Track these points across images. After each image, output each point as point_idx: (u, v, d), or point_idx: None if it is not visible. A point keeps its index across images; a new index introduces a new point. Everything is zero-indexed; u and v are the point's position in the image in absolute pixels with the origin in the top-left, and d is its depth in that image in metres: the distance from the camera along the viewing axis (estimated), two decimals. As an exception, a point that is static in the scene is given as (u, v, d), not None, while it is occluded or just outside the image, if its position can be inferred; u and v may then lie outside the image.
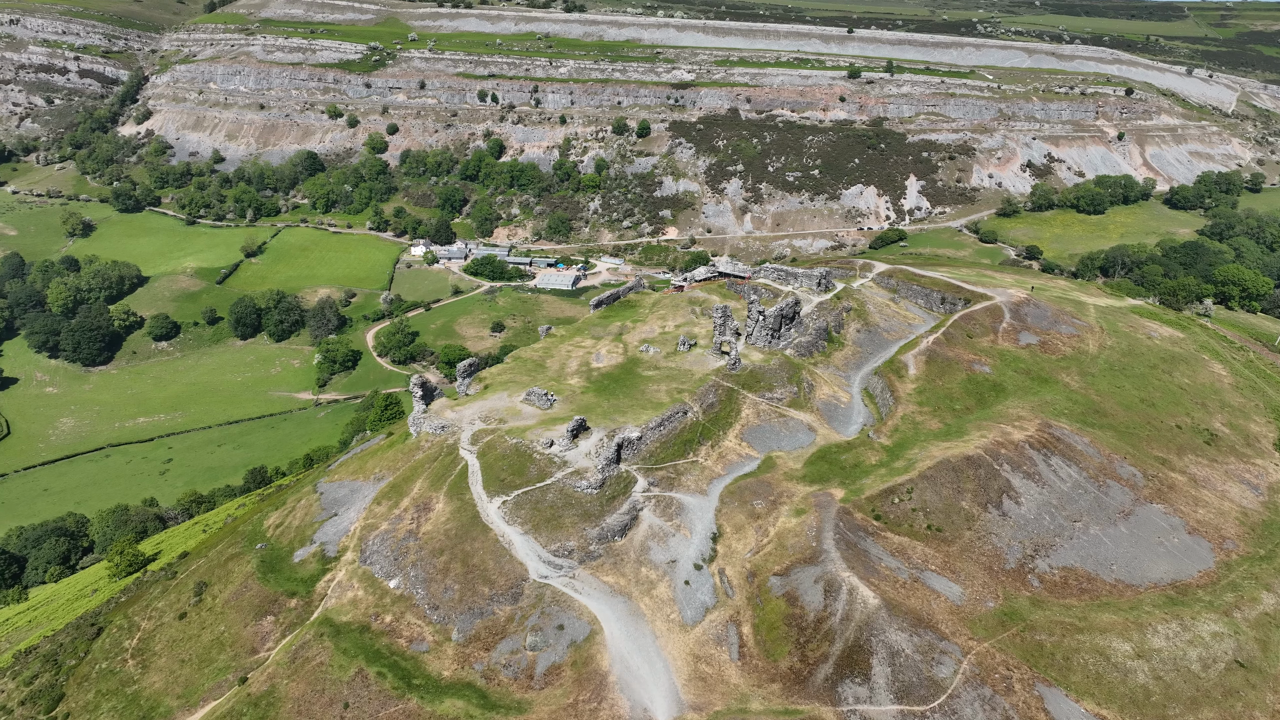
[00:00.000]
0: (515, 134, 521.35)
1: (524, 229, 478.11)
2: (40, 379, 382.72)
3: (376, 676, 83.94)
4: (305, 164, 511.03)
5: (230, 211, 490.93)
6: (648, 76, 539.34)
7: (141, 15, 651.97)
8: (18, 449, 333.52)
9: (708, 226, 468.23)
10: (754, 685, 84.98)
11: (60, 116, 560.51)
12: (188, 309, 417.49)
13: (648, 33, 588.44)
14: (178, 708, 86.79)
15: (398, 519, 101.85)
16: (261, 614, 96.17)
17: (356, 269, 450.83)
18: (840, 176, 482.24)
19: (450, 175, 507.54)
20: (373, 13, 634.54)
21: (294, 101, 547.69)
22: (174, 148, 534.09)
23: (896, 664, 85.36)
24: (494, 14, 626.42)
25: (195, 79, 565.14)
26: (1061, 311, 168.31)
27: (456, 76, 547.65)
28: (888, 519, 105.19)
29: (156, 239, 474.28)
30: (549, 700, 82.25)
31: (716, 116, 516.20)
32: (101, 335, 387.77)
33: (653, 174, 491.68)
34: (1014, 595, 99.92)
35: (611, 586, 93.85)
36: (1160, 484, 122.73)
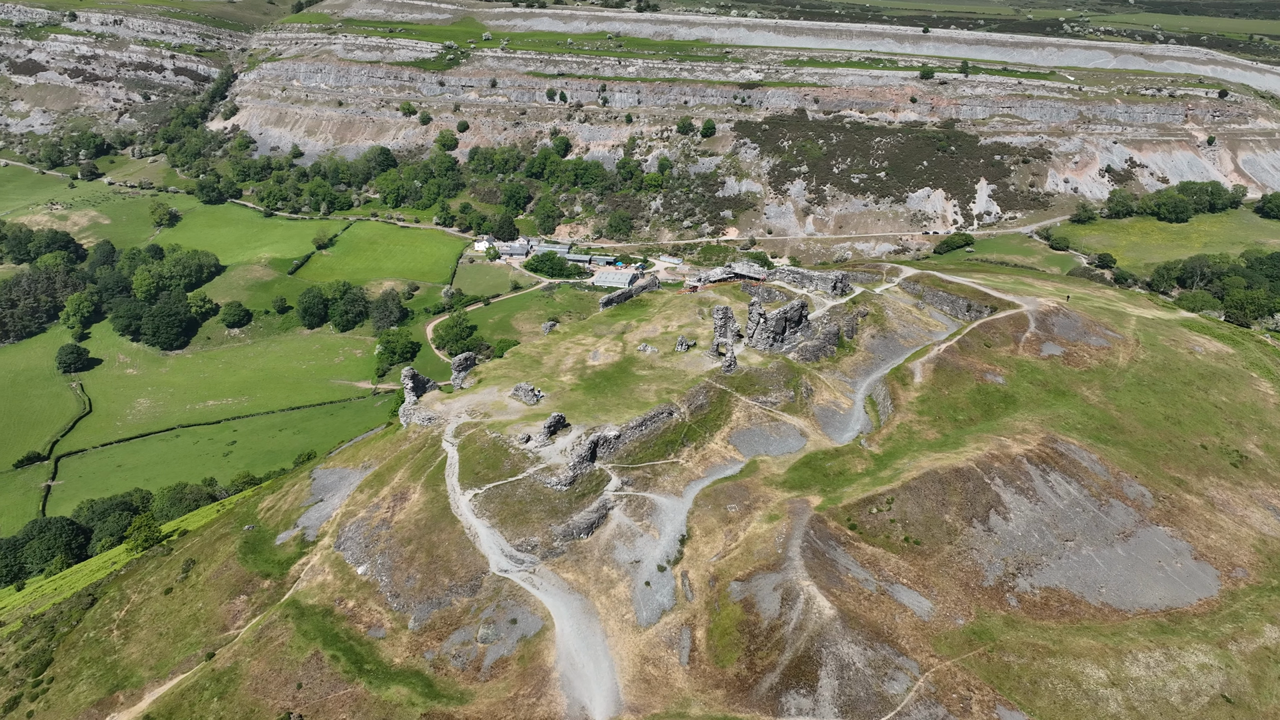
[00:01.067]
0: (581, 132, 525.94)
1: (585, 227, 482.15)
2: (122, 360, 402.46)
3: (330, 659, 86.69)
4: (378, 159, 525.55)
5: (306, 205, 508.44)
6: (715, 76, 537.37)
7: (234, 15, 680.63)
8: (97, 426, 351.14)
9: (769, 228, 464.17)
10: (698, 690, 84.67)
11: (155, 112, 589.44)
12: (260, 298, 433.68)
13: (718, 32, 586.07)
14: (148, 679, 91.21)
15: (375, 507, 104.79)
16: (236, 593, 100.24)
17: (421, 263, 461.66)
18: (907, 179, 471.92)
19: (516, 172, 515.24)
20: (450, 12, 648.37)
21: (370, 99, 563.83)
22: (257, 142, 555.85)
23: (845, 677, 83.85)
24: (567, 13, 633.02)
25: (280, 76, 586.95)
26: (1095, 323, 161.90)
27: (527, 75, 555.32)
28: (863, 529, 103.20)
29: (236, 230, 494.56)
30: (491, 693, 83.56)
31: (783, 116, 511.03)
32: (179, 321, 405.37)
33: (716, 174, 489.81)
34: (988, 614, 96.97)
35: (570, 584, 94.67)
36: (1171, 505, 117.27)
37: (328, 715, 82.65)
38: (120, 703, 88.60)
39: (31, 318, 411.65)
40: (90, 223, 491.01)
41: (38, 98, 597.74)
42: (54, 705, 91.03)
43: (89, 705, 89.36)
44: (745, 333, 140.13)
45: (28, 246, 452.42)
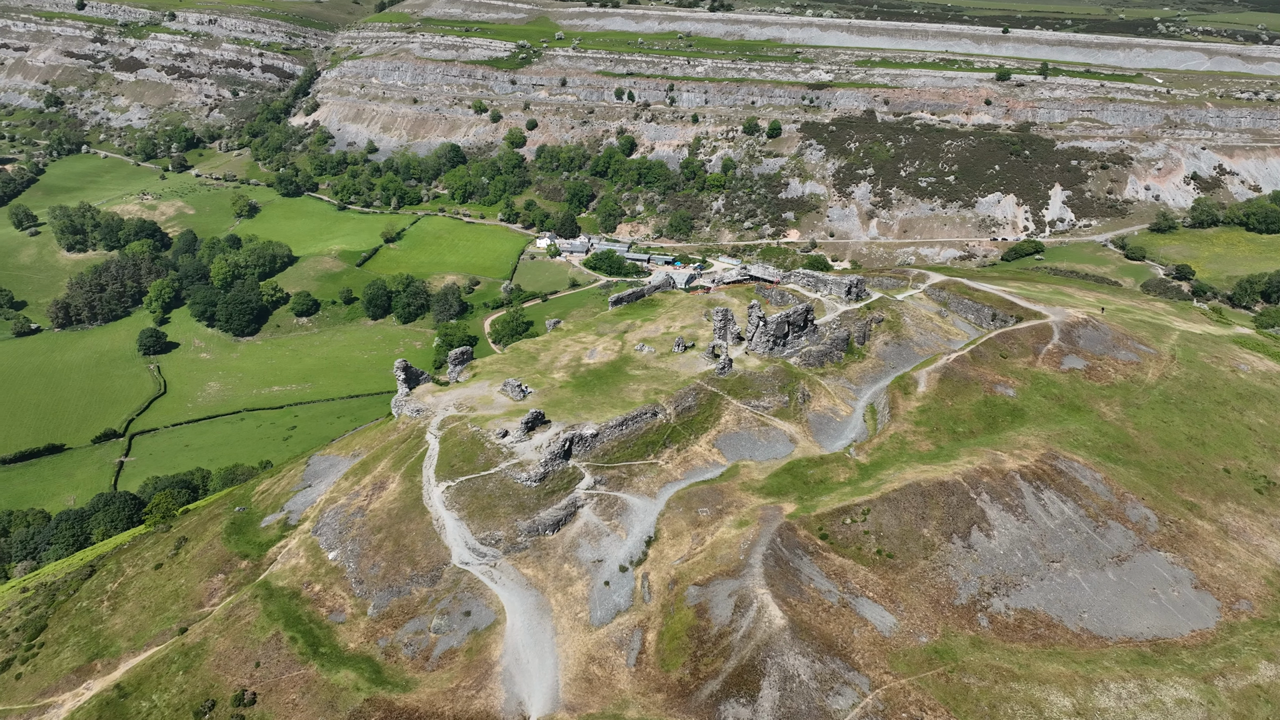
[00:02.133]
0: (647, 132, 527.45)
1: (646, 226, 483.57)
2: (197, 345, 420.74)
3: (289, 641, 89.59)
4: (448, 156, 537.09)
5: (377, 199, 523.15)
6: (784, 76, 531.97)
7: (320, 15, 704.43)
8: (170, 407, 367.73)
9: (831, 230, 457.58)
10: (639, 693, 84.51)
11: (242, 107, 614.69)
12: (328, 288, 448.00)
13: (790, 32, 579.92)
14: (125, 649, 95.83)
15: (355, 494, 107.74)
16: (215, 572, 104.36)
17: (483, 258, 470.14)
18: (977, 183, 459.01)
19: (581, 171, 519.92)
20: (525, 12, 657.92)
21: (444, 96, 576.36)
22: (334, 138, 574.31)
23: (788, 689, 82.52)
24: (639, 13, 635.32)
25: (359, 74, 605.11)
26: (1127, 336, 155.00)
27: (596, 75, 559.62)
28: (834, 539, 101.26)
29: (310, 222, 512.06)
30: (434, 682, 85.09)
31: (851, 118, 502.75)
32: (251, 308, 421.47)
33: (779, 175, 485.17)
34: (954, 633, 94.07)
35: (529, 579, 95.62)
36: (1177, 530, 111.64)
37: (280, 694, 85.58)
38: (97, 670, 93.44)
39: (118, 302, 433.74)
40: (177, 213, 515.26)
41: (137, 93, 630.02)
42: (40, 669, 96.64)
43: (69, 671, 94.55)
44: (746, 335, 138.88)
45: (118, 234, 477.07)
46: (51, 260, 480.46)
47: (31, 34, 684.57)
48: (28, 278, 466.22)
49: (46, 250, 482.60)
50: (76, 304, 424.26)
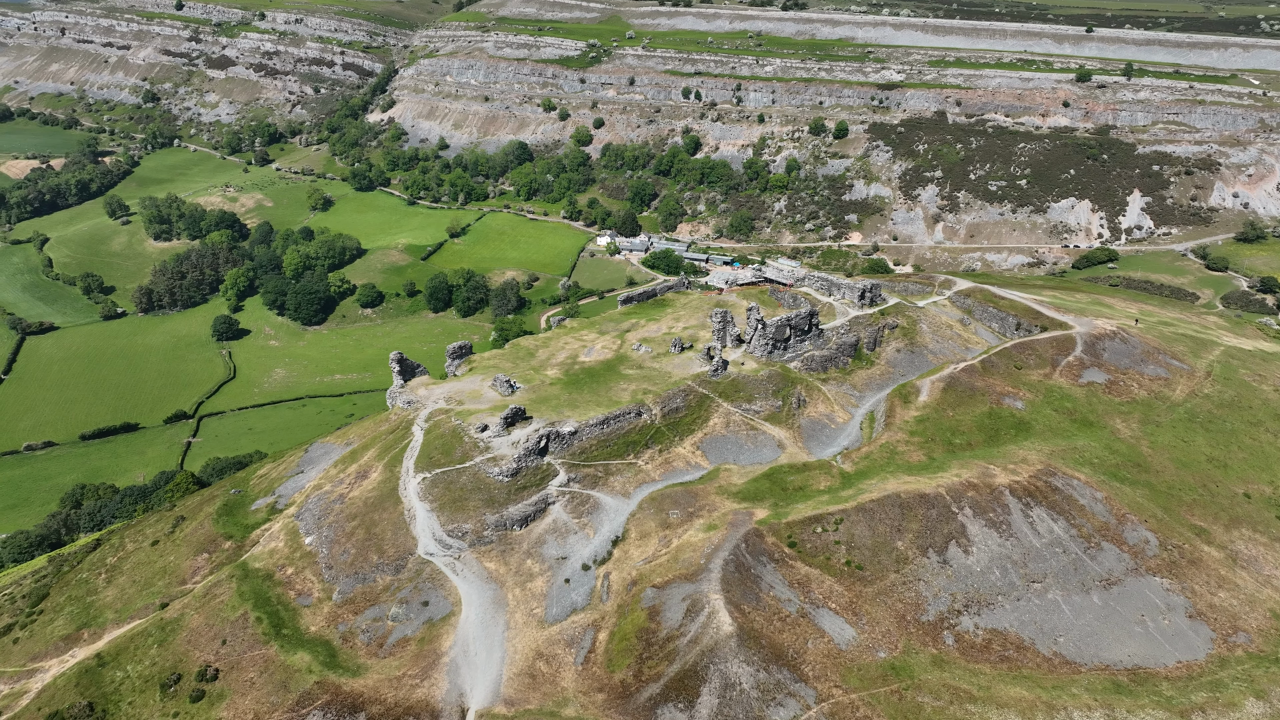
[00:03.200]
0: (713, 131, 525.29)
1: (706, 226, 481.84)
2: (267, 333, 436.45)
3: (255, 621, 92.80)
4: (516, 153, 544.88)
5: (445, 194, 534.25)
6: (854, 76, 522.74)
7: (400, 14, 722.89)
8: (238, 391, 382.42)
9: (894, 234, 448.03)
10: (580, 692, 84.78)
11: (323, 104, 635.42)
12: (393, 281, 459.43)
13: (862, 31, 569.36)
14: (111, 621, 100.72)
15: (339, 482, 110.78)
16: (201, 551, 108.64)
17: (543, 254, 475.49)
18: (1050, 188, 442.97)
19: (645, 170, 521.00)
20: (598, 11, 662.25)
21: (515, 95, 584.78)
22: (408, 134, 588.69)
23: (727, 697, 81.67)
24: (710, 12, 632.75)
25: (434, 72, 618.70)
26: (1159, 350, 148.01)
27: (664, 74, 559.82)
28: (803, 548, 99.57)
29: (380, 216, 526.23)
30: (383, 669, 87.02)
31: (921, 119, 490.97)
32: (319, 298, 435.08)
33: (844, 176, 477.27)
34: (916, 650, 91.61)
35: (490, 573, 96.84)
36: (1180, 556, 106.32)
37: (240, 672, 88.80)
38: (84, 639, 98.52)
39: (197, 289, 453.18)
40: (256, 205, 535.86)
41: (226, 90, 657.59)
42: (35, 635, 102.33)
43: (58, 639, 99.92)
44: (745, 338, 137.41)
45: (200, 225, 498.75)
46: (140, 248, 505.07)
47: (134, 33, 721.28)
48: (118, 264, 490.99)
49: (135, 238, 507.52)
50: (159, 290, 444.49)
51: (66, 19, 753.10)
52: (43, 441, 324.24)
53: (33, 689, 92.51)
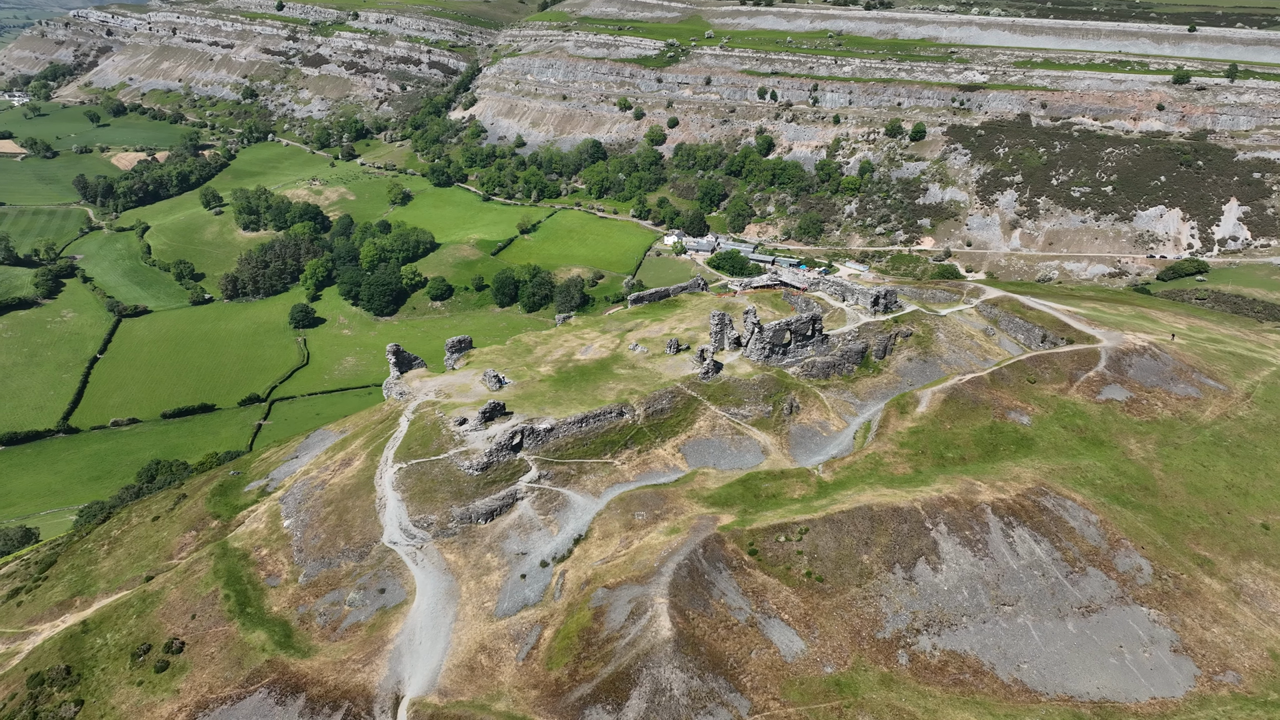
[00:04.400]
0: (787, 132, 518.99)
1: (775, 227, 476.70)
2: (341, 322, 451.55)
3: (223, 598, 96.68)
4: (589, 152, 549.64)
5: (519, 191, 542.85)
6: (935, 77, 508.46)
7: (487, 14, 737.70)
8: (310, 377, 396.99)
9: (968, 240, 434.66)
10: (515, 687, 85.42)
11: (408, 101, 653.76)
12: (463, 275, 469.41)
13: (946, 31, 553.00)
14: (101, 590, 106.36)
15: (325, 468, 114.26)
16: (190, 528, 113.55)
17: (610, 252, 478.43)
18: (1138, 195, 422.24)
19: (716, 170, 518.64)
20: (679, 10, 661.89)
21: (592, 94, 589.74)
22: (487, 132, 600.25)
23: (656, 702, 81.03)
24: (791, 11, 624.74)
25: (516, 71, 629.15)
26: (1193, 369, 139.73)
27: (741, 74, 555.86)
28: (764, 556, 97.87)
29: (455, 211, 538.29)
30: (331, 652, 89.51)
31: (1002, 122, 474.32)
32: (391, 290, 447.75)
33: (919, 180, 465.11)
34: (866, 667, 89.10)
35: (449, 565, 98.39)
36: (1175, 586, 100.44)
37: (203, 646, 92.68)
38: (75, 606, 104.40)
39: (278, 278, 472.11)
40: (339, 198, 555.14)
41: (319, 87, 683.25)
42: (36, 599, 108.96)
43: (53, 604, 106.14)
44: (743, 341, 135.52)
45: (286, 216, 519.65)
46: (230, 237, 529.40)
47: (237, 33, 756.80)
48: (208, 252, 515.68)
49: (226, 228, 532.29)
50: (243, 278, 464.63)
51: (178, 20, 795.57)
52: (128, 418, 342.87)
53: (24, 650, 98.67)
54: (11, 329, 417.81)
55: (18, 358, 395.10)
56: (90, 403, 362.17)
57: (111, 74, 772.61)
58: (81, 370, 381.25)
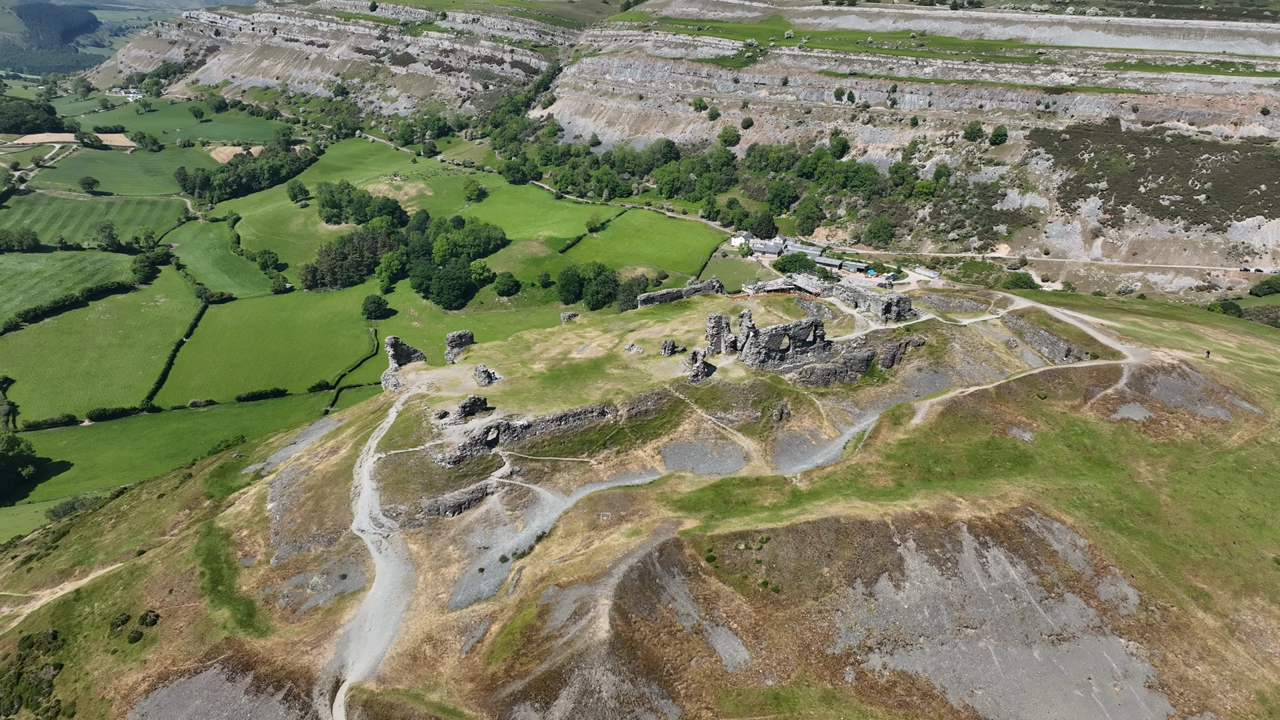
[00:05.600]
0: (862, 134, 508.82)
1: (844, 231, 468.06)
2: (412, 314, 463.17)
3: (199, 575, 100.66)
4: (662, 151, 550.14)
5: (591, 190, 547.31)
6: (1020, 79, 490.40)
7: (570, 14, 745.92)
8: (377, 366, 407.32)
9: (1046, 248, 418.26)
10: (453, 679, 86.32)
11: (490, 100, 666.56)
12: (530, 271, 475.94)
13: (1035, 31, 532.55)
14: (99, 561, 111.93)
15: (315, 455, 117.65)
16: (185, 507, 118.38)
17: (675, 252, 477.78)
18: (1234, 204, 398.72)
19: (789, 171, 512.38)
20: (760, 10, 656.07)
21: (668, 94, 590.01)
22: (564, 130, 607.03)
23: (583, 703, 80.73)
24: (874, 11, 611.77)
25: (594, 70, 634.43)
26: (1227, 390, 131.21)
27: (819, 74, 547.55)
28: (721, 563, 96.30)
29: (528, 208, 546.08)
30: (286, 633, 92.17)
31: (1089, 126, 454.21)
32: (460, 284, 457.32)
33: (997, 185, 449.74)
34: (809, 682, 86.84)
35: (410, 555, 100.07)
36: (1162, 618, 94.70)
37: (174, 620, 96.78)
38: (74, 575, 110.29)
39: (355, 270, 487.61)
40: (418, 193, 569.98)
41: (406, 85, 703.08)
42: (44, 567, 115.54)
43: (55, 572, 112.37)
44: (739, 345, 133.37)
45: (365, 210, 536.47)
46: (313, 229, 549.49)
47: (332, 33, 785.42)
48: (292, 244, 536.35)
49: (310, 221, 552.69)
50: (322, 269, 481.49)
51: (279, 20, 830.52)
52: (205, 400, 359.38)
53: (23, 614, 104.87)
54: (110, 311, 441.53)
55: (113, 339, 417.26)
56: (173, 384, 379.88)
57: (216, 72, 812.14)
58: (168, 352, 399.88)
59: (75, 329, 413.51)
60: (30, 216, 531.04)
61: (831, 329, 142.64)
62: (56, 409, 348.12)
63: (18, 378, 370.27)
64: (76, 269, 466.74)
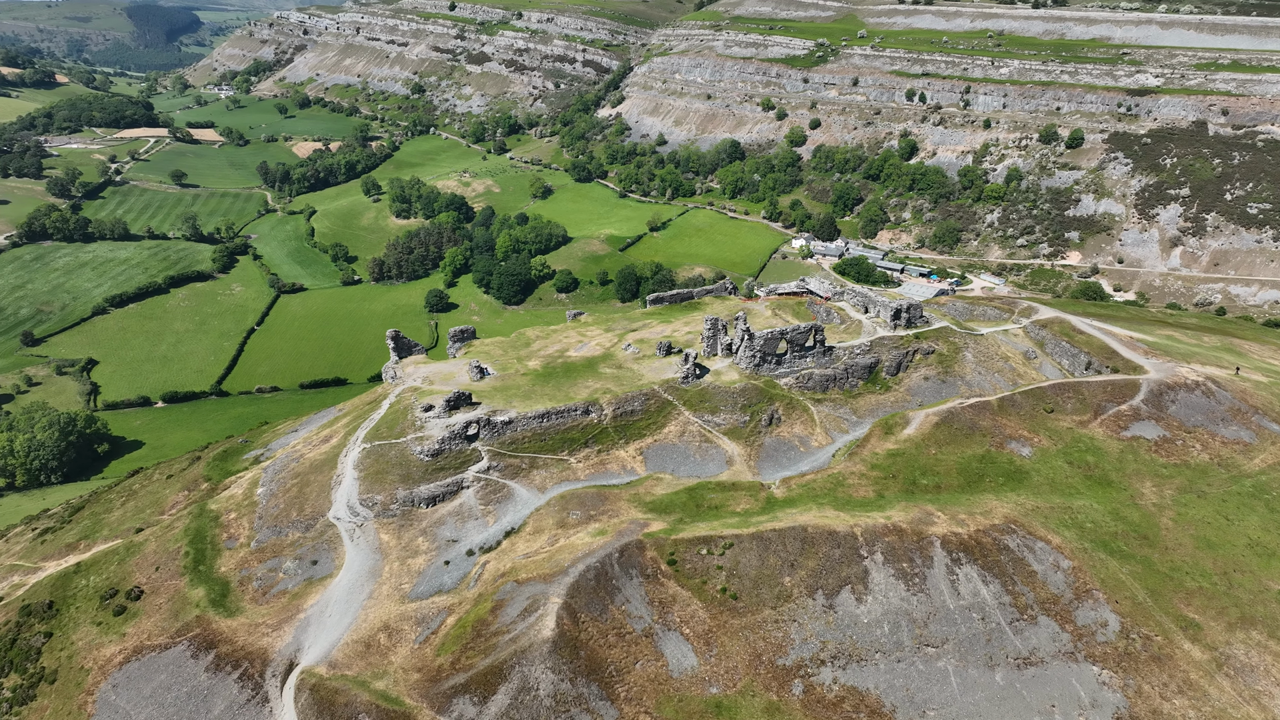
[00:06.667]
0: (932, 136, 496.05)
1: (908, 234, 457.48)
2: (472, 308, 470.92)
3: (184, 555, 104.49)
4: (727, 151, 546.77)
5: (654, 189, 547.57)
6: (1101, 80, 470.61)
7: (643, 13, 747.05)
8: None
9: (1120, 256, 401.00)
10: (401, 669, 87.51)
11: (560, 99, 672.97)
12: (589, 269, 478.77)
13: (1121, 30, 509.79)
14: (102, 537, 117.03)
15: (309, 443, 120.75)
16: (185, 488, 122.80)
17: (735, 253, 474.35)
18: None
19: (854, 173, 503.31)
20: (834, 9, 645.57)
21: (736, 93, 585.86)
22: (631, 129, 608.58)
23: (520, 700, 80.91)
24: (951, 10, 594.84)
25: (664, 70, 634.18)
26: (1255, 410, 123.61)
27: (890, 74, 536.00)
28: (682, 568, 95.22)
29: (592, 206, 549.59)
30: (253, 615, 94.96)
31: (1173, 129, 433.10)
32: (520, 280, 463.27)
33: (1070, 190, 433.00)
34: (754, 692, 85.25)
35: (381, 544, 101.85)
36: (1143, 647, 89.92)
37: (156, 596, 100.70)
38: (79, 549, 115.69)
39: (420, 264, 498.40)
40: (485, 190, 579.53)
41: (480, 84, 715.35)
42: (56, 539, 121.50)
43: (64, 545, 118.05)
44: (733, 348, 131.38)
45: (434, 205, 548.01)
46: (383, 224, 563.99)
47: (412, 32, 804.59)
48: (363, 237, 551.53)
49: (381, 215, 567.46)
50: (389, 262, 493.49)
51: (362, 19, 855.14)
52: (270, 386, 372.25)
53: (29, 583, 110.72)
54: (189, 299, 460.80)
55: (190, 325, 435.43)
56: (242, 369, 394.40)
57: (302, 70, 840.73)
58: (239, 339, 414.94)
59: (156, 314, 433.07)
60: (123, 207, 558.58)
61: (837, 334, 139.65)
62: (134, 390, 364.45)
63: (101, 359, 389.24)
64: (161, 257, 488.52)
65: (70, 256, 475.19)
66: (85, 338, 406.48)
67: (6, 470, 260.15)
